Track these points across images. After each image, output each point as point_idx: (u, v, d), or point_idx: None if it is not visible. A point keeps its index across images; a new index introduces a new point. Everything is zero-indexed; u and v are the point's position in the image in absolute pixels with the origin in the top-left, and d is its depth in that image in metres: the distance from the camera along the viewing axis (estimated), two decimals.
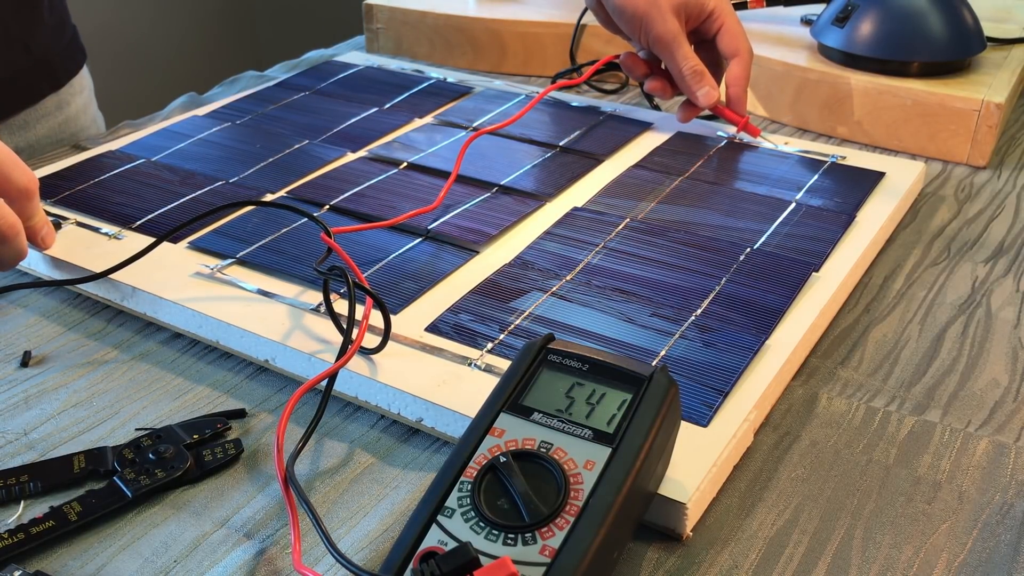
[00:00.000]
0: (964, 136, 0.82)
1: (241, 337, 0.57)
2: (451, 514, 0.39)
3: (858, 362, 0.58)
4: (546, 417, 0.42)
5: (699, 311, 0.58)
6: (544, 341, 0.46)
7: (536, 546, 0.38)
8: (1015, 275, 0.66)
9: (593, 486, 0.39)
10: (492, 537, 0.38)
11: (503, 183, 0.74)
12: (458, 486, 0.40)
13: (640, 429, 0.41)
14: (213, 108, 0.89)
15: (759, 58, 0.90)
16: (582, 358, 0.44)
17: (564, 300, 0.59)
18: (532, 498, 0.39)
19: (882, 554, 0.45)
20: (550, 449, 0.41)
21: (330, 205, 0.70)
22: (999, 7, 1.04)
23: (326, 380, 0.51)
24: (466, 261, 0.64)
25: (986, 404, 0.54)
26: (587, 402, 0.43)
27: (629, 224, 0.67)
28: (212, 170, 0.76)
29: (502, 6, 1.06)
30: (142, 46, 2.51)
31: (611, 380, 0.43)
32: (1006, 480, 0.49)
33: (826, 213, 0.69)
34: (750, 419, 0.50)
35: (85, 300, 0.65)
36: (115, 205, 0.70)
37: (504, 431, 0.42)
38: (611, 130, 0.83)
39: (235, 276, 0.62)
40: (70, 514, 0.46)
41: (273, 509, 0.48)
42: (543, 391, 0.44)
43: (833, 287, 0.61)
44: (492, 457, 0.41)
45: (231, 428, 0.52)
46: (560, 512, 0.39)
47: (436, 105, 0.89)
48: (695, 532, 0.46)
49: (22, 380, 0.57)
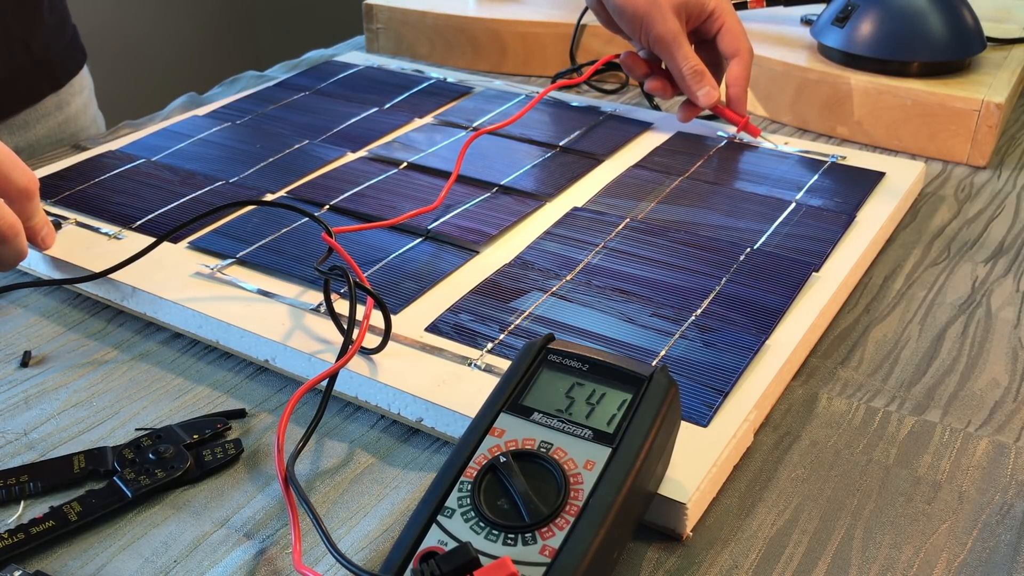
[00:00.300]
0: (964, 136, 0.82)
1: (241, 337, 0.57)
2: (451, 514, 0.39)
3: (858, 362, 0.58)
4: (546, 417, 0.42)
5: (699, 311, 0.58)
6: (544, 341, 0.46)
7: (536, 546, 0.38)
8: (1015, 275, 0.66)
9: (593, 486, 0.39)
10: (492, 537, 0.38)
11: (503, 183, 0.74)
12: (458, 486, 0.40)
13: (640, 429, 0.41)
14: (213, 108, 0.89)
15: (759, 58, 0.90)
16: (582, 358, 0.44)
17: (564, 300, 0.59)
18: (532, 498, 0.39)
19: (882, 554, 0.45)
20: (550, 449, 0.41)
21: (330, 205, 0.70)
22: (999, 7, 1.04)
23: (326, 380, 0.51)
24: (466, 261, 0.64)
25: (986, 404, 0.54)
26: (587, 402, 0.43)
27: (629, 224, 0.67)
28: (212, 170, 0.76)
29: (502, 6, 1.06)
30: (142, 46, 2.51)
31: (611, 380, 0.43)
32: (1006, 480, 0.49)
33: (826, 213, 0.69)
34: (750, 419, 0.50)
35: (85, 300, 0.65)
36: (115, 205, 0.70)
37: (504, 431, 0.42)
38: (611, 130, 0.83)
39: (235, 276, 0.62)
40: (70, 514, 0.46)
41: (273, 509, 0.48)
42: (543, 391, 0.44)
43: (833, 287, 0.61)
44: (492, 457, 0.41)
45: (231, 428, 0.52)
46: (560, 512, 0.39)
47: (436, 105, 0.89)
48: (695, 532, 0.46)
49: (22, 380, 0.57)
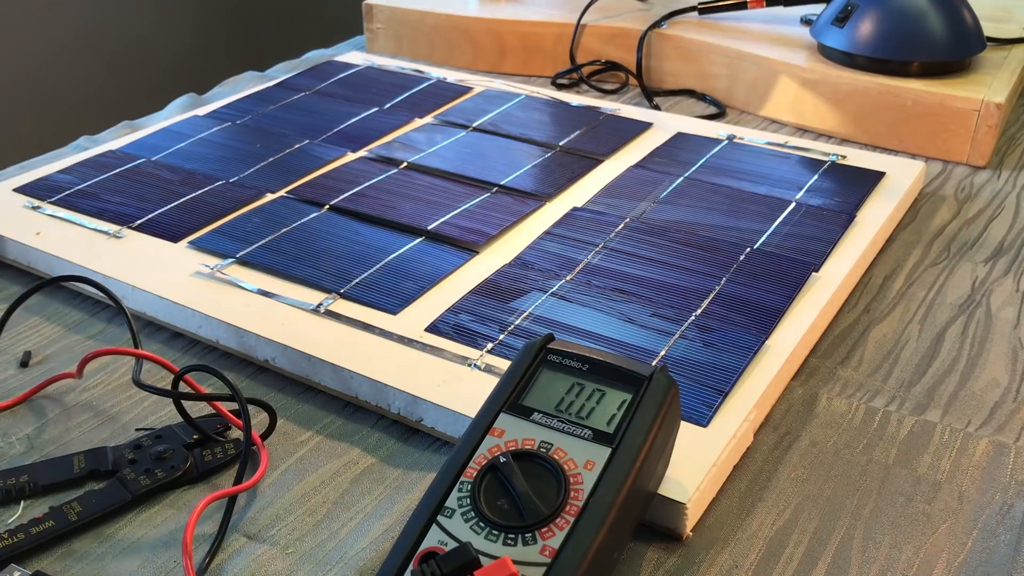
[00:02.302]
0: (964, 136, 0.82)
1: (241, 337, 0.57)
2: (451, 514, 0.39)
3: (858, 362, 0.58)
4: (546, 417, 0.42)
5: (699, 311, 0.58)
6: (544, 341, 0.46)
7: (536, 546, 0.38)
8: (1015, 275, 0.66)
9: (593, 486, 0.39)
10: (492, 537, 0.38)
11: (503, 183, 0.74)
12: (458, 486, 0.40)
13: (640, 429, 0.41)
14: (213, 108, 0.89)
15: (759, 58, 0.91)
16: (582, 358, 0.44)
17: (564, 300, 0.59)
18: (532, 498, 0.39)
19: (882, 554, 0.45)
20: (550, 449, 0.41)
21: (330, 205, 0.70)
22: (999, 7, 1.03)
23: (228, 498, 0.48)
24: (466, 261, 0.64)
25: (986, 404, 0.54)
26: (587, 402, 0.43)
27: (629, 224, 0.67)
28: (212, 170, 0.76)
29: (502, 6, 1.06)
30: (142, 46, 2.51)
31: (611, 380, 0.43)
32: (1006, 480, 0.49)
33: (826, 212, 0.69)
34: (750, 419, 0.50)
35: (85, 300, 0.65)
36: (115, 204, 0.70)
37: (504, 431, 0.42)
38: (611, 130, 0.83)
39: (235, 276, 0.62)
40: (70, 514, 0.46)
41: (273, 509, 0.48)
42: (543, 391, 0.44)
43: (833, 287, 0.61)
44: (492, 457, 0.41)
45: (231, 428, 0.52)
46: (560, 512, 0.39)
47: (436, 105, 0.89)
48: (695, 532, 0.46)
49: (22, 380, 0.57)
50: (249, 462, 0.49)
